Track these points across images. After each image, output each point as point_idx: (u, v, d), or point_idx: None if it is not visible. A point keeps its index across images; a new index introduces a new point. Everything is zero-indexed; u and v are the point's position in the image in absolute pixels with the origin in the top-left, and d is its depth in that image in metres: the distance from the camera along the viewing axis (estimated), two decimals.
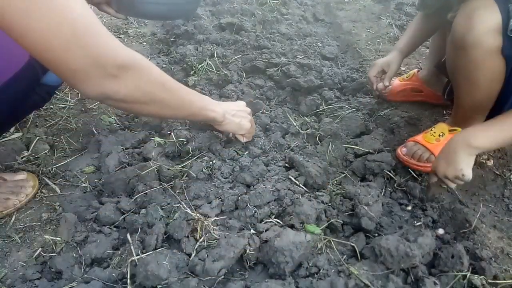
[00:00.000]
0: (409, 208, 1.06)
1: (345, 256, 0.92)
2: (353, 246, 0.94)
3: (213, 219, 0.96)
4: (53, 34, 0.62)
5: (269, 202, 1.01)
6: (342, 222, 1.01)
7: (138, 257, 0.86)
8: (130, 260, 0.86)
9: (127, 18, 1.38)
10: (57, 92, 1.46)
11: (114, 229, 0.97)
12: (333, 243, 0.95)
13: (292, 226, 0.96)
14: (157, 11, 1.28)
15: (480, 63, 0.97)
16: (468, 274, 0.84)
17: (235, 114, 1.14)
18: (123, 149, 1.23)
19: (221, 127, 1.14)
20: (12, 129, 1.26)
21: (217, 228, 0.95)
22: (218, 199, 1.04)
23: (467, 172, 0.93)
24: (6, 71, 0.85)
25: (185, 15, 1.80)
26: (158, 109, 0.88)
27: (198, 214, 0.94)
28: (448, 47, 1.05)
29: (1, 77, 0.84)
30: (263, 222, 0.97)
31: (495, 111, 1.08)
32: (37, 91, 1.00)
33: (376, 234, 0.97)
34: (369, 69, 1.42)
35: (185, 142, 1.22)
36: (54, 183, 1.12)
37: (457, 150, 0.93)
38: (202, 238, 0.91)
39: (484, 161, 1.18)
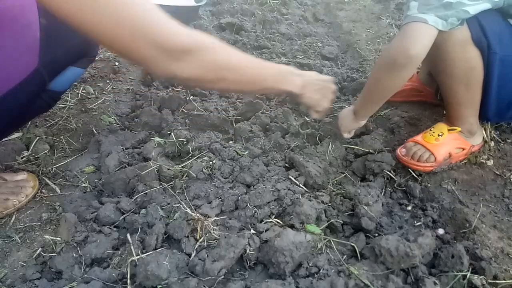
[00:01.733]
0: (409, 208, 1.06)
1: (345, 256, 0.92)
2: (353, 246, 0.94)
3: (213, 219, 0.96)
4: (118, 27, 0.69)
5: (269, 202, 1.01)
6: (342, 222, 1.01)
7: (138, 257, 0.86)
8: (130, 260, 0.86)
9: None
10: None
11: (114, 229, 0.97)
12: (333, 243, 0.95)
13: (292, 226, 0.96)
14: None
15: (454, 55, 1.00)
16: (468, 274, 0.84)
17: (317, 90, 1.09)
18: (123, 149, 1.23)
19: (299, 101, 1.11)
20: None
21: (217, 228, 0.95)
22: (218, 199, 1.04)
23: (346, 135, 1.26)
24: (15, 77, 0.85)
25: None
26: (227, 86, 0.91)
27: (198, 214, 0.94)
28: None
29: (10, 82, 0.84)
30: (263, 222, 0.97)
31: (485, 107, 1.10)
32: (43, 97, 1.00)
33: (376, 234, 0.97)
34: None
35: (185, 142, 1.23)
36: (54, 183, 1.12)
37: (344, 117, 1.24)
38: (202, 238, 0.91)
39: (484, 161, 1.18)
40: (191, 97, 1.52)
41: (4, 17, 0.77)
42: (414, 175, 1.15)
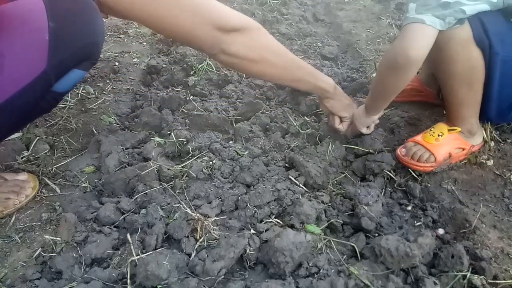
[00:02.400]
0: (409, 208, 1.06)
1: (345, 256, 0.92)
2: (353, 246, 0.94)
3: (213, 219, 0.96)
4: (180, 16, 0.85)
5: (269, 202, 1.01)
6: (342, 222, 1.01)
7: (138, 257, 0.86)
8: (130, 260, 0.86)
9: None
10: None
11: (114, 229, 0.97)
12: (333, 243, 0.95)
13: (292, 226, 0.96)
14: None
15: (455, 56, 1.00)
16: (468, 274, 0.84)
17: (346, 97, 1.19)
18: (123, 149, 1.23)
19: (328, 102, 1.16)
20: None
21: (217, 228, 0.95)
22: (218, 199, 1.04)
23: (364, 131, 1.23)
24: (24, 78, 0.87)
25: None
26: (265, 68, 1.01)
27: (198, 214, 0.94)
28: None
29: (19, 84, 0.86)
30: (263, 222, 0.97)
31: (486, 107, 1.10)
32: (46, 98, 1.01)
33: (376, 234, 0.97)
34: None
35: (185, 142, 1.23)
36: (54, 183, 1.12)
37: (358, 115, 1.21)
38: (202, 238, 0.91)
39: (484, 161, 1.18)
40: (191, 97, 1.52)
41: (15, 20, 0.80)
42: (414, 175, 1.15)
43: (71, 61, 0.96)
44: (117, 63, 1.75)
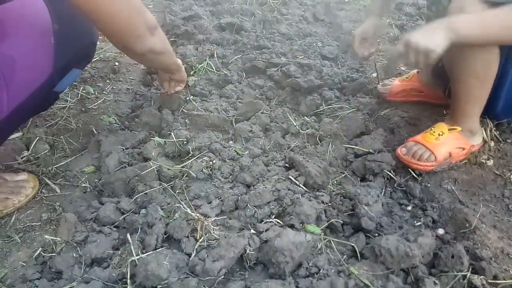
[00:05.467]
0: (409, 208, 1.06)
1: (345, 256, 0.92)
2: (353, 246, 0.94)
3: (213, 219, 0.96)
4: (121, 12, 0.86)
5: (269, 202, 1.01)
6: (342, 222, 1.01)
7: (138, 257, 0.86)
8: (130, 260, 0.86)
9: None
10: None
11: (114, 229, 0.97)
12: (333, 243, 0.95)
13: (292, 226, 0.96)
14: None
15: (477, 53, 0.99)
16: (468, 274, 0.84)
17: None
18: (123, 149, 1.23)
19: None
20: None
21: (217, 228, 0.95)
22: (218, 199, 1.04)
23: (439, 49, 0.92)
24: (35, 82, 0.89)
25: None
26: (168, 58, 1.18)
27: (198, 214, 0.94)
28: None
29: (30, 88, 0.87)
30: (263, 222, 0.97)
31: (494, 103, 1.11)
32: (47, 99, 1.02)
33: (376, 234, 0.97)
34: (352, 42, 1.37)
35: (185, 142, 1.23)
36: (54, 183, 1.12)
37: (439, 27, 0.93)
38: (202, 238, 0.91)
39: (484, 161, 1.18)
40: (191, 97, 1.52)
41: (22, 24, 0.80)
42: (414, 175, 1.15)
43: (73, 61, 0.97)
44: (117, 63, 1.75)
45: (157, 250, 0.88)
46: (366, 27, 1.37)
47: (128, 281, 0.83)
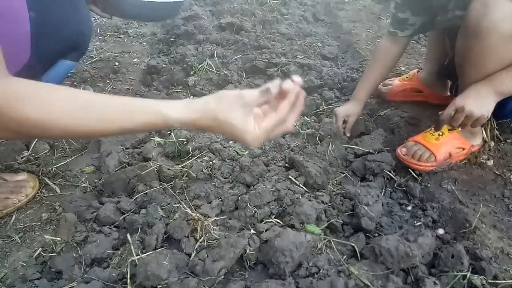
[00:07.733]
0: (409, 208, 1.06)
1: (345, 256, 0.92)
2: (353, 246, 0.93)
3: (213, 219, 0.96)
4: None
5: (269, 202, 1.01)
6: (342, 222, 1.01)
7: (138, 257, 0.86)
8: (130, 260, 0.86)
9: (111, 18, 1.45)
10: None
11: (114, 229, 0.97)
12: (333, 243, 0.95)
13: (292, 226, 0.96)
14: (140, 13, 1.40)
15: (492, 50, 0.96)
16: (468, 274, 0.84)
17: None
18: (123, 149, 1.23)
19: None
20: None
21: (217, 228, 0.95)
22: (218, 199, 1.04)
23: (489, 114, 1.00)
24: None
25: (167, 17, 1.91)
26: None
27: (198, 214, 0.94)
28: (460, 37, 1.03)
29: None
30: (263, 222, 0.97)
31: (497, 107, 1.08)
32: None
33: (376, 234, 0.97)
34: (334, 120, 1.34)
35: (185, 142, 1.23)
36: (54, 183, 1.12)
37: (488, 95, 0.99)
38: (202, 238, 0.91)
39: (484, 161, 1.18)
40: (191, 97, 1.52)
41: None
42: (414, 175, 1.15)
43: (56, 51, 0.93)
44: (117, 63, 1.75)
45: (157, 250, 0.88)
46: (349, 112, 1.33)
47: (128, 281, 0.83)
